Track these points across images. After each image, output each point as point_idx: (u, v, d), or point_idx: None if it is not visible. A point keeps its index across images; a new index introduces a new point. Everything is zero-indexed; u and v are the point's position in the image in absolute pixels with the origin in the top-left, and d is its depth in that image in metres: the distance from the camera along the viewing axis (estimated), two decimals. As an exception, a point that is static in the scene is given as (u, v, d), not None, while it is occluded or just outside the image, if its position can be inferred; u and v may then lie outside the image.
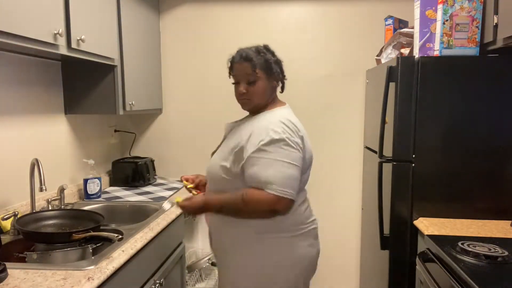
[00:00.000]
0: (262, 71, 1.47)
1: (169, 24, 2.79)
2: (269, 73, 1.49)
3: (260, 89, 1.47)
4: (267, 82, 1.49)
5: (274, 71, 1.50)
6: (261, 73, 1.47)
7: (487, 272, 1.28)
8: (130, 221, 1.98)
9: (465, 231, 1.67)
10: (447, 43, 1.82)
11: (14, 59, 1.78)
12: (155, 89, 2.69)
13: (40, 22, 1.45)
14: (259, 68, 1.46)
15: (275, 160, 1.34)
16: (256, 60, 1.46)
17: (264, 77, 1.47)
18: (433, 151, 1.85)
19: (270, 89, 1.51)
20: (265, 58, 1.48)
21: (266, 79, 1.48)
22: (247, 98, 1.49)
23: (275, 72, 1.51)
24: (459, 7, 1.79)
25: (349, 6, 2.67)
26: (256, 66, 1.45)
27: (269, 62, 1.48)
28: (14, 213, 1.65)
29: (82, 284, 1.17)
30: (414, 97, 1.84)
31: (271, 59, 1.50)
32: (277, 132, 1.37)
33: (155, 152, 2.88)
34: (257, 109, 1.52)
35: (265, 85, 1.48)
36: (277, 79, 1.54)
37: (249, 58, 1.45)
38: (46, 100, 2.02)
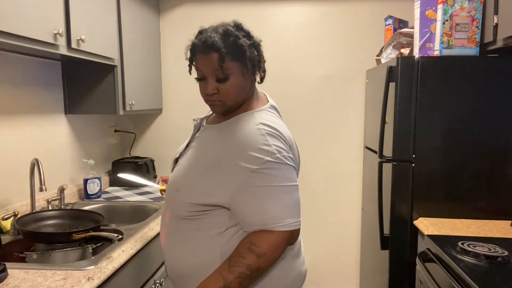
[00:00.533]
0: (234, 63, 1.08)
1: (169, 24, 2.79)
2: (244, 64, 1.10)
3: (234, 87, 1.10)
4: (243, 76, 1.12)
5: (250, 60, 1.11)
6: (234, 66, 1.08)
7: (487, 272, 1.28)
8: (130, 221, 1.98)
9: (465, 231, 1.67)
10: (447, 43, 1.82)
11: (14, 59, 1.78)
12: (155, 89, 2.69)
13: (40, 22, 1.45)
14: (231, 59, 1.07)
15: (273, 187, 1.05)
16: (226, 48, 1.06)
17: (238, 70, 1.10)
18: (433, 151, 1.85)
19: (248, 84, 1.15)
20: (237, 44, 1.08)
21: (241, 73, 1.11)
22: (218, 100, 1.12)
23: (251, 61, 1.11)
24: (459, 7, 1.79)
25: (349, 6, 2.67)
26: (225, 58, 1.06)
27: (243, 49, 1.09)
28: (14, 213, 1.65)
29: (82, 284, 1.17)
30: (414, 97, 1.84)
31: (246, 44, 1.09)
32: (265, 150, 1.05)
33: (155, 152, 2.87)
34: (232, 110, 1.18)
35: (240, 81, 1.11)
36: (255, 68, 1.15)
37: (216, 46, 1.06)
38: (46, 100, 2.02)
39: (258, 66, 1.16)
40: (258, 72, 1.18)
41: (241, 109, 1.18)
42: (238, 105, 1.16)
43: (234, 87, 1.11)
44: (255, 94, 1.22)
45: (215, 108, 1.16)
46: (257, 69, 1.16)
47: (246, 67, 1.11)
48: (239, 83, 1.12)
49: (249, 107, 1.18)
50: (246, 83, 1.14)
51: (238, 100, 1.15)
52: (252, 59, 1.12)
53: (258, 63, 1.15)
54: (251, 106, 1.18)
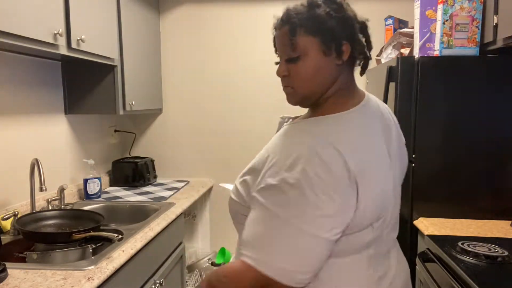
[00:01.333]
0: (308, 38, 0.84)
1: (169, 24, 2.79)
2: (325, 40, 0.84)
3: (306, 68, 0.85)
4: (322, 56, 0.85)
5: (337, 35, 0.84)
6: (308, 41, 0.84)
7: (487, 272, 1.28)
8: (130, 221, 1.98)
9: (465, 231, 1.67)
10: (447, 43, 1.82)
11: (14, 59, 1.78)
12: (155, 89, 2.69)
13: (40, 22, 1.45)
14: (304, 32, 0.84)
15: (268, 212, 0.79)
16: (300, 19, 0.85)
17: (314, 47, 0.84)
18: (433, 151, 1.85)
19: (331, 68, 0.87)
20: (316, 15, 0.84)
21: (319, 51, 0.85)
22: (289, 86, 0.90)
23: (336, 37, 0.84)
24: (459, 7, 1.79)
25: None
26: (295, 30, 0.84)
27: (323, 20, 0.84)
28: (14, 213, 1.65)
29: (82, 284, 1.17)
30: (414, 97, 1.84)
31: (330, 15, 0.84)
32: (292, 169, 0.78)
33: (155, 152, 2.88)
34: (311, 103, 0.92)
35: (316, 62, 0.85)
36: (345, 50, 0.86)
37: (288, 17, 0.87)
38: (46, 100, 2.02)
39: (352, 47, 0.87)
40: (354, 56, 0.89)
41: (326, 107, 0.90)
42: (316, 95, 0.89)
43: (307, 69, 0.85)
44: (349, 89, 0.91)
45: (288, 98, 0.93)
46: (349, 52, 0.87)
47: (328, 46, 0.84)
48: (315, 64, 0.85)
49: (335, 107, 0.89)
50: (327, 67, 0.86)
51: (313, 89, 0.88)
52: (338, 34, 0.84)
53: (351, 42, 0.86)
54: (337, 104, 0.89)
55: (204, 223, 2.87)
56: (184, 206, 2.14)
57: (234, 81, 2.78)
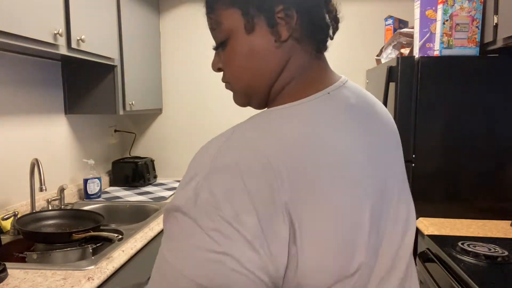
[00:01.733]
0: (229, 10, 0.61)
1: (169, 24, 2.79)
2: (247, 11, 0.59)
3: (232, 55, 0.62)
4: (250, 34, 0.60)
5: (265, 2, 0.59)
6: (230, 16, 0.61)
7: (487, 272, 1.28)
8: (130, 221, 1.98)
9: (465, 231, 1.67)
10: (447, 43, 1.82)
11: (14, 59, 1.78)
12: (155, 89, 2.69)
13: (40, 22, 1.45)
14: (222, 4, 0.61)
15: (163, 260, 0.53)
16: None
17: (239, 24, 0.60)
18: (433, 151, 1.85)
19: (268, 51, 0.60)
20: None
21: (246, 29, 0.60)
22: (225, 81, 0.67)
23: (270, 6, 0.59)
24: (459, 7, 1.79)
25: (349, 6, 2.67)
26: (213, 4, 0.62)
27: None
28: (14, 213, 1.65)
29: (82, 284, 1.17)
30: (414, 97, 1.84)
31: None
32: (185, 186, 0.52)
33: (155, 152, 2.88)
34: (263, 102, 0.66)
35: (243, 44, 0.61)
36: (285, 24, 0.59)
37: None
38: (46, 100, 2.02)
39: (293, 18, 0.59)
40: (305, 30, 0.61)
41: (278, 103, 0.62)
42: (259, 90, 0.64)
43: (235, 55, 0.62)
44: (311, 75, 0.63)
45: (233, 97, 0.69)
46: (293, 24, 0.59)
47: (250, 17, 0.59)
48: (243, 46, 0.61)
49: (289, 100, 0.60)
50: (262, 48, 0.60)
51: (250, 81, 0.63)
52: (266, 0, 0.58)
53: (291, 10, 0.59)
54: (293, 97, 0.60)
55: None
56: (184, 206, 2.13)
57: (234, 81, 2.78)
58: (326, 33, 0.64)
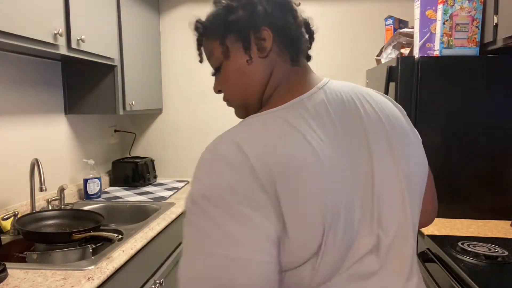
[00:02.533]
0: (214, 42, 0.75)
1: (169, 24, 2.79)
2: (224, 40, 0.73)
3: (226, 77, 0.75)
4: (235, 59, 0.73)
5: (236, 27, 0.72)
6: (215, 46, 0.75)
7: (487, 272, 1.28)
8: (130, 221, 1.98)
9: (465, 231, 1.67)
10: (447, 43, 1.82)
11: (14, 59, 1.78)
12: (155, 89, 2.69)
13: (40, 22, 1.45)
14: (207, 38, 0.76)
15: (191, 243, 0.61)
16: (203, 26, 0.78)
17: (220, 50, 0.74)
18: (433, 151, 1.85)
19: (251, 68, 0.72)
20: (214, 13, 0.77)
21: (234, 55, 0.73)
22: (225, 100, 0.80)
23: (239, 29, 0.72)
24: (459, 7, 1.79)
25: (349, 6, 2.67)
26: (202, 40, 0.77)
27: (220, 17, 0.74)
28: (14, 213, 1.65)
29: (82, 284, 1.17)
30: (414, 97, 1.84)
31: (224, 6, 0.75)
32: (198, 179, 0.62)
33: (155, 152, 2.88)
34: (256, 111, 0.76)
35: (230, 67, 0.74)
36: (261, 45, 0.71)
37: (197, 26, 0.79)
38: (46, 100, 2.02)
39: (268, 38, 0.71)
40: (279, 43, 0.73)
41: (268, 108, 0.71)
42: (253, 101, 0.75)
43: (228, 77, 0.75)
44: (293, 81, 0.73)
45: (235, 112, 0.81)
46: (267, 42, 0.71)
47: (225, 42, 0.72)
48: (231, 69, 0.74)
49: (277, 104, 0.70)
50: (244, 67, 0.72)
51: (244, 95, 0.75)
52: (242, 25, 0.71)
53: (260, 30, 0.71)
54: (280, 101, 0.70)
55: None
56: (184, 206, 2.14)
57: (234, 81, 2.78)
58: (298, 45, 0.75)
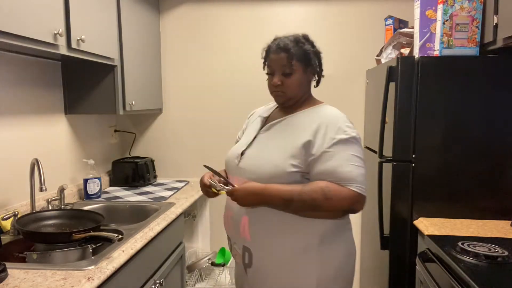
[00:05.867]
0: (299, 63, 1.37)
1: (169, 24, 2.79)
2: (306, 65, 1.39)
3: (295, 81, 1.38)
4: (304, 75, 1.39)
5: (312, 63, 1.40)
6: (298, 65, 1.37)
7: (487, 272, 1.28)
8: (130, 221, 1.98)
9: (465, 231, 1.67)
10: (447, 43, 1.82)
11: (14, 59, 1.78)
12: (155, 89, 2.69)
13: (40, 22, 1.45)
14: (296, 59, 1.36)
15: (353, 156, 1.28)
16: (294, 50, 1.36)
17: (301, 69, 1.38)
18: (433, 151, 1.85)
19: (306, 82, 1.43)
20: (303, 49, 1.38)
21: (303, 72, 1.39)
22: (281, 91, 1.39)
23: (313, 64, 1.41)
24: (459, 7, 1.79)
25: (349, 6, 2.67)
26: (293, 57, 1.35)
27: (307, 53, 1.39)
28: (14, 213, 1.65)
29: (82, 284, 1.17)
30: (414, 97, 1.84)
31: (310, 50, 1.40)
32: (351, 128, 1.33)
33: (155, 152, 2.88)
34: (291, 103, 1.43)
35: (301, 78, 1.39)
36: (314, 72, 1.44)
37: (286, 48, 1.36)
38: (46, 100, 2.02)
39: (316, 71, 1.44)
40: (315, 76, 1.46)
41: (306, 104, 1.45)
42: (296, 98, 1.42)
43: (295, 82, 1.38)
44: (312, 95, 1.49)
45: (278, 98, 1.42)
46: (315, 73, 1.44)
47: (307, 69, 1.40)
48: (300, 80, 1.39)
49: (313, 102, 1.46)
50: (305, 82, 1.41)
51: (297, 94, 1.41)
52: (313, 63, 1.41)
53: (316, 68, 1.43)
54: (314, 101, 1.47)
55: (204, 223, 2.87)
56: (184, 206, 2.14)
57: (234, 80, 2.78)
58: (320, 79, 1.49)
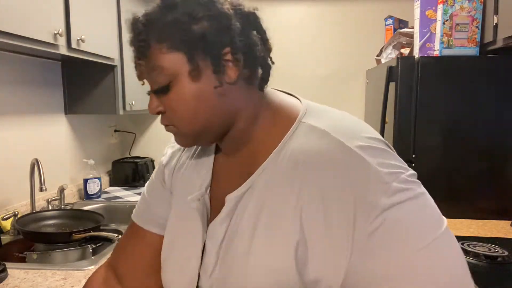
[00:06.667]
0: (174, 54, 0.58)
1: (169, 24, 2.79)
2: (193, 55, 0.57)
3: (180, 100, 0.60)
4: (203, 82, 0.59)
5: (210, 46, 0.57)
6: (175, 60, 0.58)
7: (487, 272, 1.28)
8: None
9: (465, 231, 1.67)
10: (447, 43, 1.82)
11: (14, 59, 1.78)
12: (155, 89, 2.69)
13: (40, 22, 1.45)
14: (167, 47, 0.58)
15: None
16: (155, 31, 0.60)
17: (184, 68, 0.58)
18: (433, 151, 1.85)
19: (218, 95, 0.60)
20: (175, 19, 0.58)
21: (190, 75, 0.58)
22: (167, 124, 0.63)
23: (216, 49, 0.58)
24: (459, 7, 1.79)
25: (349, 6, 2.67)
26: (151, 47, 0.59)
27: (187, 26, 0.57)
28: (14, 213, 1.65)
29: (82, 284, 1.17)
30: (414, 97, 1.84)
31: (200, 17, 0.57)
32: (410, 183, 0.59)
33: (155, 152, 2.87)
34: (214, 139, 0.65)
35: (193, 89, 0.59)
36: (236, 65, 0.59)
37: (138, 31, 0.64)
38: (46, 100, 2.02)
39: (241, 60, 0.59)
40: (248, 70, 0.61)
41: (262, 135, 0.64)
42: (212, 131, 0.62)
43: (183, 100, 0.59)
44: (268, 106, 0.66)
45: (175, 139, 0.67)
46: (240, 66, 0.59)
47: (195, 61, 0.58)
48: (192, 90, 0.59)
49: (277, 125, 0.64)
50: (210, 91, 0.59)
51: (201, 123, 0.61)
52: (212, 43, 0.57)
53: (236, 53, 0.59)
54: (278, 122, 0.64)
55: (204, 223, 2.87)
56: (184, 206, 2.14)
57: (234, 81, 2.78)
58: (268, 72, 0.66)
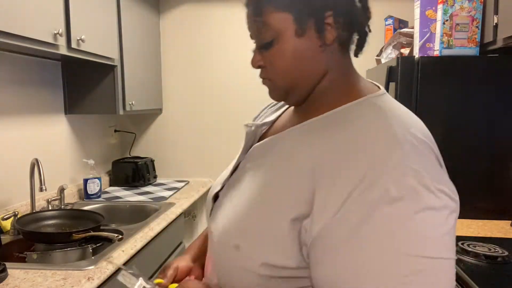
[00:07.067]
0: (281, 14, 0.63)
1: (169, 24, 2.79)
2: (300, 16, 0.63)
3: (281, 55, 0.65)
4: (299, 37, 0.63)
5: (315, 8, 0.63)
6: (281, 20, 0.63)
7: (487, 272, 1.28)
8: (130, 221, 1.98)
9: (465, 231, 1.67)
10: (447, 43, 1.82)
11: (14, 59, 1.78)
12: (155, 89, 2.69)
13: (40, 22, 1.45)
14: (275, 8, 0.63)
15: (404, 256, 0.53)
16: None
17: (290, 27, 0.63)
18: (433, 151, 1.85)
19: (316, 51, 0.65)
20: None
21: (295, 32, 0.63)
22: (265, 77, 0.71)
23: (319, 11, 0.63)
24: (459, 7, 1.79)
25: (349, 6, 2.67)
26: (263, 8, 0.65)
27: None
28: (14, 213, 1.65)
29: (82, 284, 1.17)
30: (414, 97, 1.84)
31: None
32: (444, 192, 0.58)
33: (155, 152, 2.88)
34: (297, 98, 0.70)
35: (293, 45, 0.64)
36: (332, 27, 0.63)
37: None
38: (46, 100, 2.02)
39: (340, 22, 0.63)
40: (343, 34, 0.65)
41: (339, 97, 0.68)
42: (303, 89, 0.67)
43: (283, 55, 0.65)
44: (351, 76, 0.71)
45: (269, 93, 0.72)
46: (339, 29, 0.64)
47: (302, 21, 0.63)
48: (292, 47, 0.64)
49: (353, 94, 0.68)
50: (308, 50, 0.64)
51: (296, 80, 0.66)
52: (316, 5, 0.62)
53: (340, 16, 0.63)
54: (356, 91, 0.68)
55: (204, 223, 2.87)
56: (184, 206, 2.14)
57: (234, 81, 2.78)
58: (364, 39, 0.71)
